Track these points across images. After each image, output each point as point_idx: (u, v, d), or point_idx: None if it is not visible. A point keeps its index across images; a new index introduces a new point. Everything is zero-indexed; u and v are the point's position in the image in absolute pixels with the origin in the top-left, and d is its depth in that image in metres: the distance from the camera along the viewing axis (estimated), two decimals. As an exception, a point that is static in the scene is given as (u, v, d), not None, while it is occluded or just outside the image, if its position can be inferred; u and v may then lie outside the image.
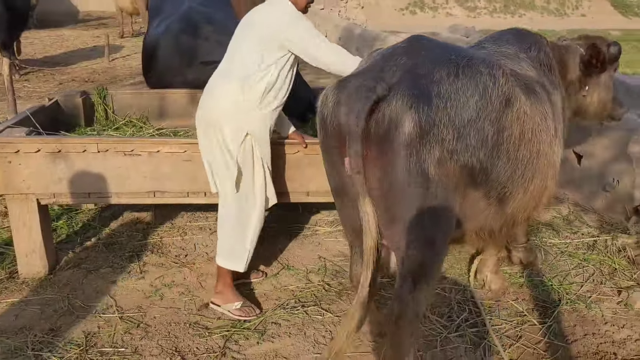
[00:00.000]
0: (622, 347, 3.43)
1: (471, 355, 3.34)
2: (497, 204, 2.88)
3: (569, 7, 27.38)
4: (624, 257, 4.35)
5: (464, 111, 2.60)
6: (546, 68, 3.36)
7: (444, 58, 2.74)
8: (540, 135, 2.90)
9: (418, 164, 2.55)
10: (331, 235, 4.72)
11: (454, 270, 4.22)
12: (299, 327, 3.57)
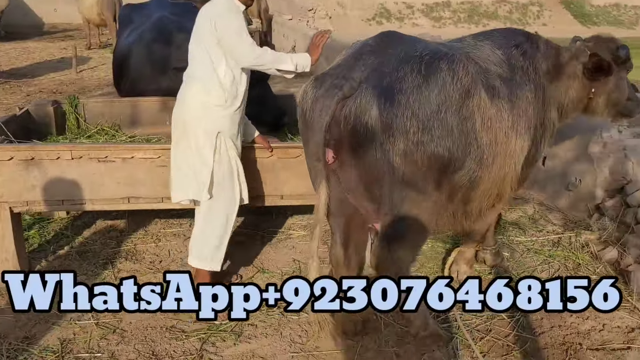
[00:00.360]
0: (587, 338, 3.57)
1: (443, 349, 3.43)
2: (470, 187, 3.20)
3: (531, 17, 28.04)
4: (588, 252, 4.52)
5: (426, 105, 2.90)
6: (525, 66, 3.46)
7: (409, 54, 3.02)
8: (497, 124, 3.15)
9: (383, 153, 2.92)
10: (305, 239, 4.78)
11: (426, 269, 4.32)
12: (275, 327, 3.62)
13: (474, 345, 3.38)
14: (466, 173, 3.13)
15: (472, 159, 3.09)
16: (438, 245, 4.64)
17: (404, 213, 3.10)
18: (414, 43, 3.18)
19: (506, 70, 3.38)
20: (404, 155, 2.92)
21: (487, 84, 3.18)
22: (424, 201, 3.11)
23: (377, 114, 2.89)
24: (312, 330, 3.59)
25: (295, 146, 4.00)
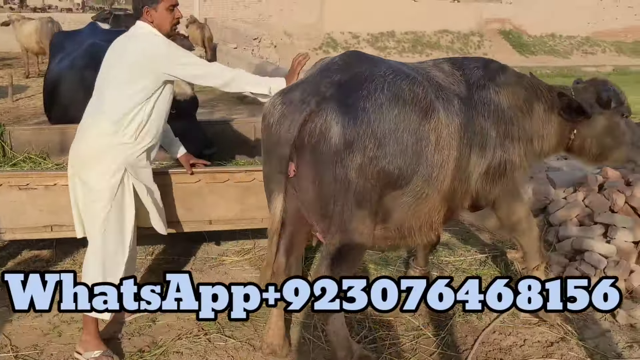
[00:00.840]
0: (508, 353, 3.67)
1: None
2: (416, 204, 3.27)
3: (472, 47, 29.07)
4: (512, 271, 4.66)
5: (384, 123, 3.03)
6: (488, 97, 3.54)
7: (374, 74, 3.16)
8: (451, 145, 3.29)
9: (342, 169, 3.01)
10: (238, 264, 4.76)
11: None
12: (201, 354, 3.57)
13: (398, 364, 3.41)
14: (410, 191, 3.21)
15: (419, 176, 3.18)
16: (370, 267, 4.70)
17: (352, 230, 3.16)
18: (378, 63, 3.31)
19: (467, 95, 3.48)
20: (359, 169, 3.02)
21: (446, 103, 3.31)
22: (368, 218, 3.17)
23: (340, 131, 2.98)
24: (238, 356, 3.56)
25: (223, 171, 4.01)
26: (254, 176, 3.95)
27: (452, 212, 3.62)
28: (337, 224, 3.15)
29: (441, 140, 3.22)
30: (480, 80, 3.59)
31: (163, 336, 3.75)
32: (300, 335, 3.78)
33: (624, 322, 4.02)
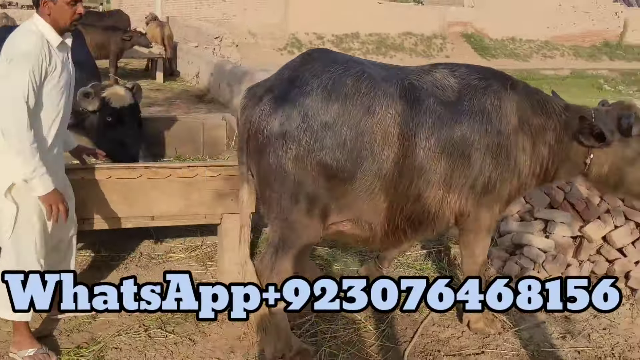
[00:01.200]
0: (446, 345, 3.75)
1: (309, 362, 3.50)
2: (370, 199, 3.33)
3: (434, 49, 29.46)
4: (455, 265, 4.75)
5: (322, 117, 3.15)
6: (480, 106, 3.44)
7: (323, 70, 3.27)
8: (408, 141, 3.28)
9: (276, 159, 3.17)
10: (184, 261, 4.75)
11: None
12: (140, 350, 3.55)
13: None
14: (360, 185, 3.27)
15: (367, 171, 3.24)
16: (316, 263, 4.74)
17: (293, 221, 3.29)
18: (335, 60, 3.37)
19: (453, 102, 3.42)
20: (295, 160, 3.15)
21: (409, 106, 3.28)
22: (313, 210, 3.26)
23: (274, 123, 3.17)
24: (178, 351, 3.56)
25: (165, 166, 4.00)
26: (197, 172, 3.94)
27: (426, 218, 3.52)
28: (275, 211, 3.33)
29: (391, 137, 3.24)
30: (476, 90, 3.49)
31: (102, 332, 3.71)
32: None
33: (559, 313, 4.14)
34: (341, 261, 4.83)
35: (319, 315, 3.92)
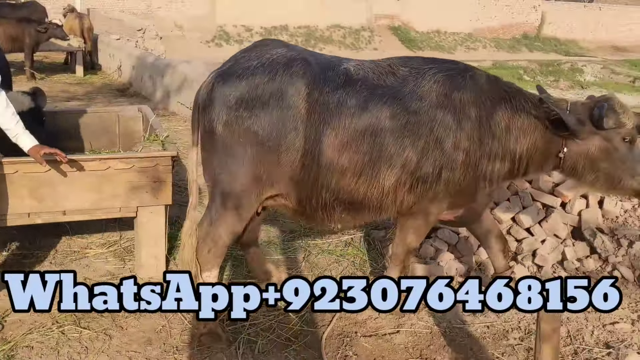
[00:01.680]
0: (363, 326, 3.86)
1: (227, 351, 3.51)
2: (299, 176, 3.47)
3: (363, 42, 29.83)
4: (374, 249, 4.88)
5: (254, 88, 3.40)
6: (426, 96, 3.46)
7: (266, 52, 3.52)
8: (330, 120, 3.40)
9: (210, 123, 3.47)
10: (101, 257, 4.65)
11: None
12: (53, 347, 3.47)
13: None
14: (287, 158, 3.43)
15: (292, 146, 3.40)
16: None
17: (222, 181, 3.51)
18: (280, 46, 3.61)
19: (396, 90, 3.47)
20: (225, 125, 3.42)
21: (342, 90, 3.42)
22: (242, 175, 3.46)
23: (210, 90, 3.50)
24: (93, 347, 3.50)
25: (75, 159, 3.88)
26: (109, 164, 3.87)
27: (361, 200, 3.57)
28: (209, 172, 3.59)
29: (314, 115, 3.40)
30: (425, 81, 3.51)
31: (13, 331, 3.60)
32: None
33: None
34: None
35: (238, 303, 3.95)
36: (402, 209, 3.64)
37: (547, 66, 26.61)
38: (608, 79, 24.09)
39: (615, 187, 3.57)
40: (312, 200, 3.56)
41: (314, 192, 3.53)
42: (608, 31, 37.41)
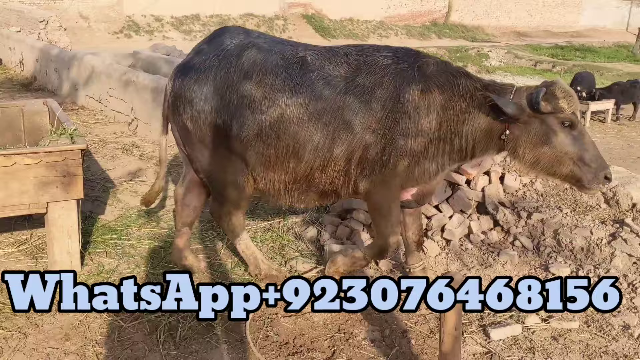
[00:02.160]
0: (282, 307, 3.94)
1: (148, 339, 3.52)
2: (259, 160, 3.75)
3: (277, 31, 29.78)
4: (292, 233, 5.00)
5: (212, 83, 3.66)
6: (375, 82, 3.60)
7: (220, 45, 3.75)
8: (285, 106, 3.61)
9: (179, 118, 3.82)
10: (11, 256, 4.49)
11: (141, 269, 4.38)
12: (-37, 349, 3.36)
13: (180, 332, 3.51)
14: (248, 144, 3.69)
15: (250, 132, 3.66)
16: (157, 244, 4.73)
17: (208, 171, 3.91)
18: (237, 34, 3.82)
19: (346, 77, 3.63)
20: (192, 120, 3.74)
21: (293, 78, 3.62)
22: (221, 161, 3.80)
23: (174, 88, 3.80)
24: (7, 346, 3.41)
25: (-22, 156, 3.75)
26: (14, 160, 3.75)
27: (317, 183, 3.79)
28: (198, 166, 3.96)
29: (267, 101, 3.61)
30: (375, 67, 3.63)
31: None
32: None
33: (385, 268, 4.54)
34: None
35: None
36: (355, 191, 3.85)
37: (456, 52, 27.63)
38: (512, 63, 25.36)
39: (556, 171, 3.60)
40: (275, 183, 3.85)
41: (275, 175, 3.81)
42: (511, 17, 39.29)
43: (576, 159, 3.51)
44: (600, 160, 3.52)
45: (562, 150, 3.51)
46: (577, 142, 3.51)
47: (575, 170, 3.53)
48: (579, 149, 3.50)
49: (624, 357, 3.52)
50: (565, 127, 3.51)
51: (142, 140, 7.89)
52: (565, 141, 3.51)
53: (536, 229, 4.95)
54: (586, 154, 3.50)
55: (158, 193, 4.45)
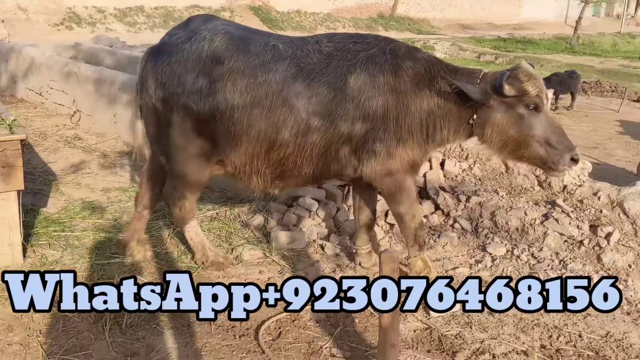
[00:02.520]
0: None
1: (94, 328, 3.52)
2: (230, 144, 3.79)
3: (224, 22, 29.59)
4: (239, 221, 5.05)
5: (183, 66, 3.72)
6: (349, 70, 3.66)
7: (193, 30, 3.82)
8: (255, 91, 3.66)
9: (149, 99, 3.86)
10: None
11: (85, 261, 4.35)
12: None
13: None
14: (220, 128, 3.73)
15: (223, 116, 3.69)
16: (101, 235, 4.70)
17: (172, 154, 3.94)
18: (208, 21, 3.89)
19: (320, 65, 3.68)
20: (163, 101, 3.78)
21: (265, 65, 3.66)
22: (185, 143, 3.84)
23: (145, 69, 3.86)
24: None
25: None
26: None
27: (291, 168, 3.82)
28: (159, 146, 4.03)
29: (240, 87, 3.65)
30: (347, 54, 3.69)
31: None
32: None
33: (331, 252, 4.65)
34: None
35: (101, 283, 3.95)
36: (330, 176, 3.98)
37: (402, 44, 28.00)
38: (456, 55, 25.91)
39: (523, 154, 3.63)
40: (246, 167, 3.87)
41: (247, 159, 3.83)
42: (455, 10, 40.13)
43: (542, 141, 3.53)
44: (567, 142, 3.54)
45: (528, 134, 3.54)
46: (543, 125, 3.54)
47: (542, 153, 3.55)
48: (544, 132, 3.53)
49: (555, 328, 3.73)
50: (530, 110, 3.53)
51: (85, 133, 7.76)
52: (531, 124, 3.53)
53: (474, 211, 5.16)
54: (552, 136, 3.52)
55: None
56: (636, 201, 4.67)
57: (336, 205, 5.15)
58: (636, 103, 14.76)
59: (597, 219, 4.76)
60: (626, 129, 11.52)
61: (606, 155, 9.41)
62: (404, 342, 3.52)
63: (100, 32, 23.43)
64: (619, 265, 4.43)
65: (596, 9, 44.80)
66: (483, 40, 30.96)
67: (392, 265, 2.77)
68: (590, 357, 3.46)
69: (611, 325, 3.78)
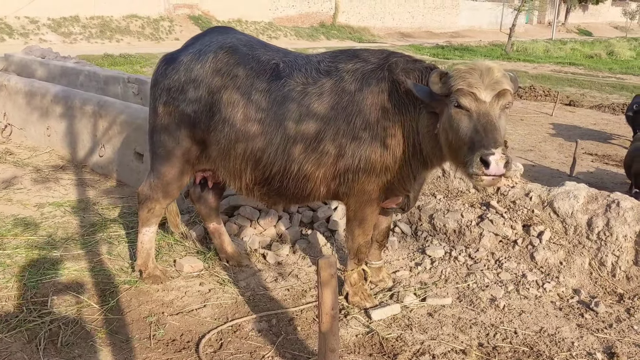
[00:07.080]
0: (170, 306, 3.96)
1: (28, 348, 3.40)
2: (221, 157, 3.88)
3: (163, 32, 29.12)
4: (179, 233, 4.96)
5: (189, 74, 3.87)
6: (331, 86, 3.62)
7: (204, 42, 3.96)
8: (246, 108, 3.73)
9: (153, 101, 4.07)
10: None
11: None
12: None
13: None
14: (214, 138, 3.83)
15: (217, 127, 3.79)
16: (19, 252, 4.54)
17: (159, 154, 4.08)
18: (222, 33, 4.03)
19: (307, 82, 3.66)
20: (164, 105, 3.95)
21: (264, 81, 3.71)
22: (177, 149, 3.98)
23: (155, 71, 4.07)
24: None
25: None
26: None
27: (278, 187, 3.80)
28: (150, 143, 4.18)
29: (235, 102, 3.73)
30: (344, 74, 3.63)
31: None
32: None
33: (273, 261, 4.65)
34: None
35: (34, 301, 3.83)
36: (323, 195, 3.86)
37: (343, 52, 28.32)
38: (396, 62, 26.36)
39: (460, 161, 3.20)
40: (237, 180, 3.94)
41: (235, 174, 3.90)
42: (394, 19, 40.94)
43: (471, 143, 3.09)
44: (486, 142, 3.02)
45: (460, 136, 3.15)
46: (469, 127, 3.13)
47: (462, 155, 3.15)
48: (469, 132, 3.11)
49: (491, 326, 3.84)
50: (457, 108, 3.17)
51: (17, 147, 7.49)
52: (459, 125, 3.17)
53: (414, 215, 5.26)
54: (475, 136, 3.07)
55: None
56: (565, 200, 4.86)
57: (278, 213, 5.15)
58: (567, 106, 15.39)
59: (530, 219, 4.93)
60: (559, 132, 12.01)
61: (541, 157, 9.77)
62: (346, 347, 3.55)
63: (33, 43, 22.68)
64: (550, 262, 4.60)
65: (529, 16, 46.58)
66: (422, 48, 31.69)
67: (330, 271, 2.79)
68: (526, 352, 3.58)
69: (544, 321, 3.92)
